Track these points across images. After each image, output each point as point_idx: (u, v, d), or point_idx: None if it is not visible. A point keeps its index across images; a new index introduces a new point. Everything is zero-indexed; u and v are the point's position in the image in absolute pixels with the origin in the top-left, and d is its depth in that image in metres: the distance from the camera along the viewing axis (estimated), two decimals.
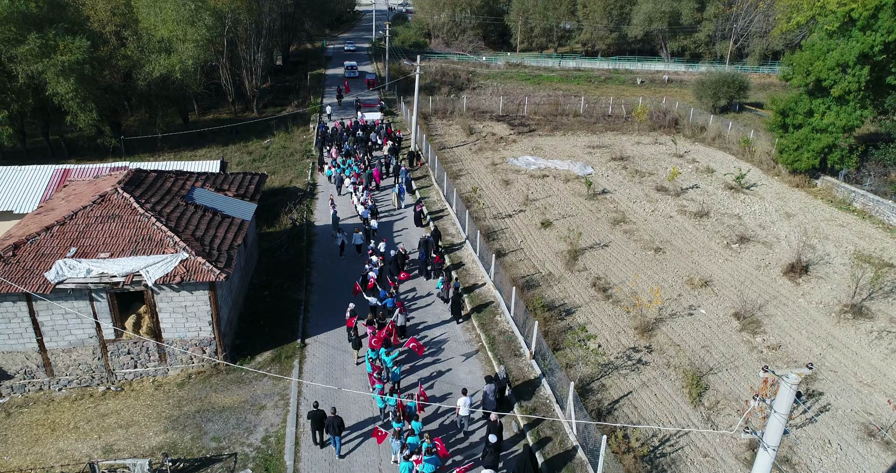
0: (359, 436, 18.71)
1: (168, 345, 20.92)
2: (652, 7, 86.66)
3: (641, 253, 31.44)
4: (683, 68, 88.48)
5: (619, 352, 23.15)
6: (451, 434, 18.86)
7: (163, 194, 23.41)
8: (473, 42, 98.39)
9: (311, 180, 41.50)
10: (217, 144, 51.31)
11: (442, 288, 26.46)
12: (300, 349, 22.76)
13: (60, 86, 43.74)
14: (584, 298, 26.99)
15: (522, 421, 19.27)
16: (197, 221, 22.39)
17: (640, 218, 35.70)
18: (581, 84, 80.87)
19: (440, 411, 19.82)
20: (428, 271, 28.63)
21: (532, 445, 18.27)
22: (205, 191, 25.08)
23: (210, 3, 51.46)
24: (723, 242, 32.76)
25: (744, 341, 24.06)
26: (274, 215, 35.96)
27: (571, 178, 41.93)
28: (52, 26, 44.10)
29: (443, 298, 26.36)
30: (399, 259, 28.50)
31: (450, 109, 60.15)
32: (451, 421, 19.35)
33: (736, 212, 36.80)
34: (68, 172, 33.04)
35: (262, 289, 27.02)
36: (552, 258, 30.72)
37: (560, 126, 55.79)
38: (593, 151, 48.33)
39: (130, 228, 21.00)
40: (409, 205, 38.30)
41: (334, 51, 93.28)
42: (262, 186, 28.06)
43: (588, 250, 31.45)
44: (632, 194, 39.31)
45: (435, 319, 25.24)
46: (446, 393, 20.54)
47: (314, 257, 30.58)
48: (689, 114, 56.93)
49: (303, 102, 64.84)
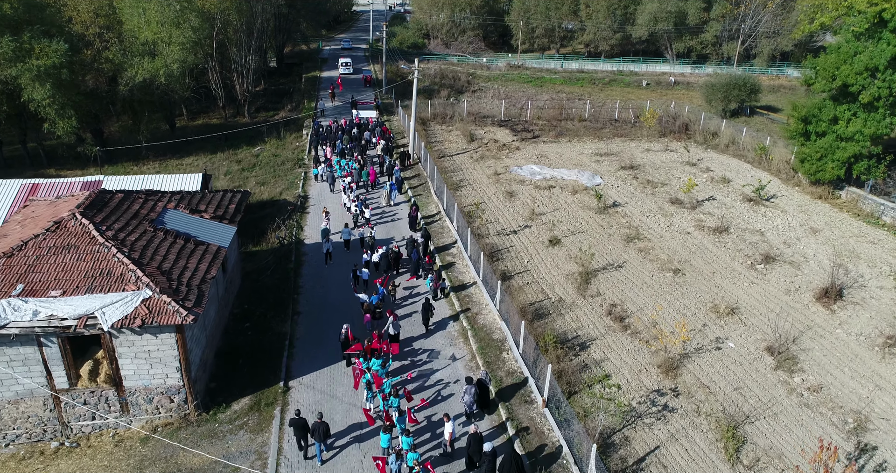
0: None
1: (130, 394, 18.34)
2: (657, 7, 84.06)
3: (659, 275, 28.88)
4: (689, 70, 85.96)
5: (642, 395, 20.59)
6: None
7: (129, 218, 20.83)
8: (473, 43, 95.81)
9: (301, 193, 38.91)
10: (205, 151, 48.70)
11: (431, 286, 26.57)
12: (283, 394, 20.19)
13: (36, 92, 41.15)
14: (600, 329, 24.43)
15: None
16: (165, 250, 19.81)
17: (654, 234, 33.15)
18: (585, 86, 78.36)
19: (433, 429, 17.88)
20: (419, 273, 28.58)
21: None
22: (178, 213, 22.51)
23: (197, 4, 48.91)
24: (746, 262, 30.21)
25: (780, 381, 21.51)
26: (261, 231, 33.37)
27: (579, 189, 39.36)
28: (27, 28, 41.52)
29: (434, 297, 26.54)
30: (393, 258, 28.49)
31: (449, 113, 57.58)
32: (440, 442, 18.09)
33: (757, 227, 34.26)
34: (36, 187, 30.50)
35: (243, 320, 24.44)
36: (562, 281, 28.17)
37: (565, 132, 53.24)
38: (601, 160, 45.77)
39: (87, 260, 18.42)
40: (398, 203, 37.46)
41: (330, 52, 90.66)
42: (243, 205, 25.49)
43: (601, 272, 28.89)
44: (645, 207, 36.76)
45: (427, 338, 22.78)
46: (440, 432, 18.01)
47: (302, 280, 28.00)
48: (700, 119, 54.38)
49: (296, 107, 62.25)
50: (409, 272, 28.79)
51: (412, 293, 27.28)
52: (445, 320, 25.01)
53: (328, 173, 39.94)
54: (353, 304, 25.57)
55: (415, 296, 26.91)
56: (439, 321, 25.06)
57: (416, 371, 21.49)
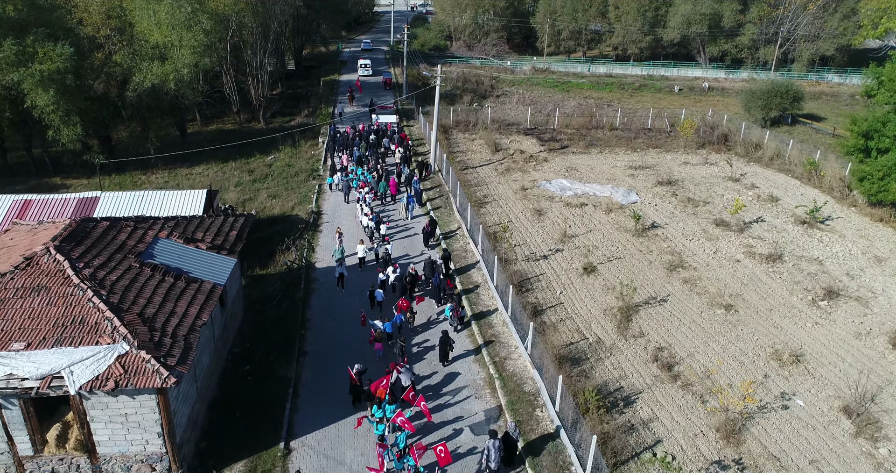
0: None
1: (105, 462, 15.79)
2: (690, 9, 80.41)
3: (709, 312, 25.76)
4: (724, 74, 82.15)
5: (701, 468, 17.57)
6: None
7: (112, 251, 18.31)
8: (497, 45, 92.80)
9: (315, 208, 36.35)
10: (216, 159, 46.34)
11: (451, 315, 24.19)
12: (282, 458, 17.50)
13: (39, 98, 39.12)
14: (646, 378, 21.43)
15: None
16: (151, 291, 17.24)
17: (700, 262, 29.99)
18: (614, 92, 75.05)
19: None
20: (440, 296, 26.14)
21: None
22: (170, 244, 19.97)
23: (210, 6, 46.64)
24: (806, 297, 26.95)
25: (863, 453, 18.35)
26: (268, 252, 30.85)
27: (614, 207, 36.27)
28: (32, 31, 39.51)
29: (453, 326, 24.25)
30: (412, 282, 26.31)
31: (472, 120, 54.77)
32: None
33: (815, 255, 30.93)
34: (28, 204, 28.26)
35: (243, 361, 21.84)
36: (600, 318, 25.19)
37: (595, 142, 50.10)
38: (636, 173, 42.60)
39: (59, 305, 15.91)
40: (416, 216, 35.10)
41: (350, 55, 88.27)
42: (246, 231, 22.92)
43: (643, 307, 25.84)
44: (687, 230, 33.59)
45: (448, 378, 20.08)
46: None
47: (311, 312, 25.37)
48: (741, 129, 50.87)
49: (313, 112, 59.86)
50: (428, 295, 26.44)
51: (430, 320, 24.88)
52: (466, 355, 22.49)
53: (343, 183, 37.60)
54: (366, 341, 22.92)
55: (432, 324, 24.48)
56: (460, 354, 22.48)
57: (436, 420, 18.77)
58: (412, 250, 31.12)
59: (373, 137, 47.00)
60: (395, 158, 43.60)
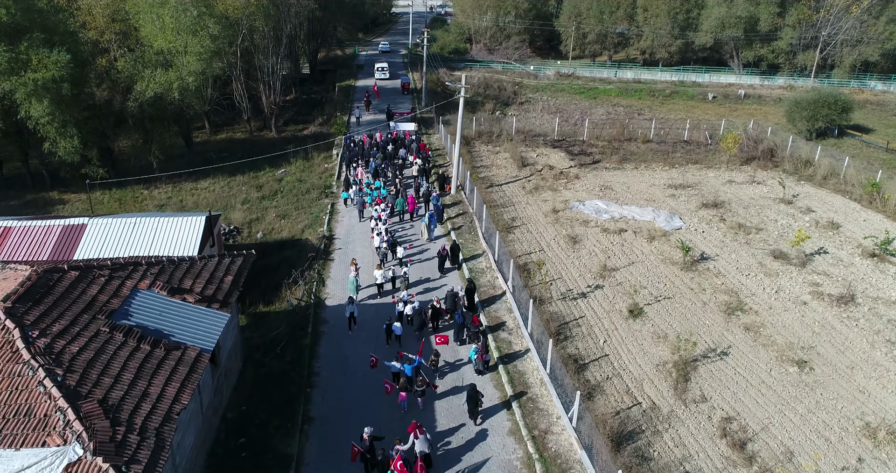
0: None
1: None
2: (725, 12, 76.27)
3: (779, 369, 22.16)
4: (759, 81, 77.95)
5: None
6: None
7: (79, 311, 15.19)
8: (519, 49, 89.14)
9: (326, 232, 33.17)
10: (223, 172, 43.30)
11: (476, 358, 21.46)
12: None
13: (33, 108, 36.41)
14: (715, 461, 17.92)
15: None
16: (121, 365, 14.10)
17: (761, 304, 26.35)
18: (643, 99, 71.26)
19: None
20: (463, 337, 23.22)
21: None
22: (151, 297, 16.81)
23: (218, 10, 43.68)
24: (892, 351, 23.25)
25: None
26: (274, 285, 27.74)
27: (657, 234, 32.69)
28: (26, 37, 36.80)
29: (478, 370, 21.59)
30: (433, 316, 23.69)
31: (496, 131, 51.37)
32: None
33: (892, 296, 27.14)
34: (8, 231, 25.34)
35: (237, 431, 18.64)
36: (652, 375, 21.71)
37: (629, 156, 46.45)
38: (677, 194, 38.93)
39: (2, 389, 12.79)
40: (438, 237, 32.21)
41: (366, 58, 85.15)
42: (244, 275, 19.73)
43: (701, 362, 22.32)
44: (741, 263, 29.93)
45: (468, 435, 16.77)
46: None
47: (319, 363, 22.15)
48: (788, 142, 46.94)
49: (327, 120, 56.78)
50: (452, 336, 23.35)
51: (454, 363, 22.03)
52: (496, 411, 19.58)
53: (358, 199, 34.62)
54: (380, 401, 19.73)
55: (454, 368, 21.67)
56: (488, 407, 19.60)
57: None
58: (433, 275, 28.27)
59: (390, 146, 43.86)
60: (413, 170, 40.41)
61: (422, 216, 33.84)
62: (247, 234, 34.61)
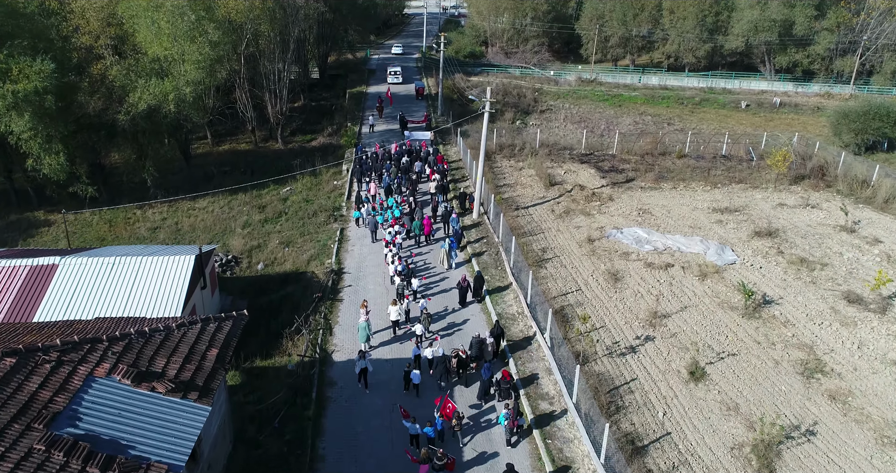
0: None
1: None
2: (758, 15, 72.09)
3: (881, 455, 18.26)
4: (793, 88, 73.68)
5: None
6: None
7: (9, 418, 11.57)
8: (538, 52, 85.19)
9: (335, 265, 29.51)
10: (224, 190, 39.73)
11: (506, 425, 18.04)
12: None
13: (14, 123, 33.08)
14: None
15: None
16: None
17: (844, 364, 22.42)
18: (671, 107, 67.29)
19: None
20: (489, 390, 20.16)
21: None
22: (108, 388, 13.18)
23: (219, 14, 40.11)
24: None
25: None
26: (274, 334, 24.12)
27: (709, 270, 28.77)
28: (7, 44, 33.45)
29: (509, 441, 18.30)
30: (459, 365, 20.61)
31: (518, 143, 47.59)
32: None
33: None
34: None
35: None
36: (726, 459, 17.89)
37: (665, 174, 42.46)
38: (723, 219, 34.96)
39: None
40: (460, 264, 28.86)
41: (378, 62, 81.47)
42: (232, 345, 16.05)
43: (785, 445, 18.44)
44: (810, 308, 25.97)
45: None
46: None
47: (324, 442, 18.49)
48: (840, 159, 42.83)
49: (337, 130, 53.20)
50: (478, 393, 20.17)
51: (479, 423, 18.85)
52: None
53: (370, 219, 31.36)
54: None
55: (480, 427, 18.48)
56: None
57: None
58: (452, 305, 25.43)
59: (405, 158, 40.23)
60: (430, 187, 36.74)
61: (439, 240, 30.38)
62: (246, 265, 31.06)
